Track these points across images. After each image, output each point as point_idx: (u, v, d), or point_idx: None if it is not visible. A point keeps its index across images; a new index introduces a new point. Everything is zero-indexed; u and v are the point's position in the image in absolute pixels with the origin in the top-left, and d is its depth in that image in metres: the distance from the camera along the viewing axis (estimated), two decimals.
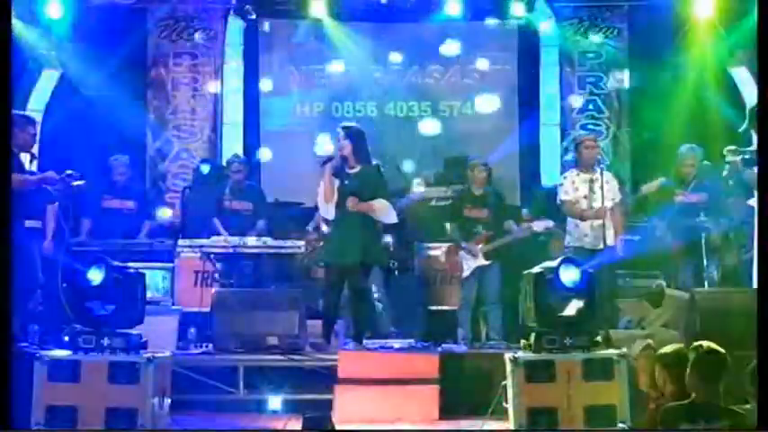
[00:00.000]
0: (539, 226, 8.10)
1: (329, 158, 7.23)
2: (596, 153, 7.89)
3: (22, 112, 7.44)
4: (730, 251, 8.30)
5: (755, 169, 6.33)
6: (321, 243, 8.29)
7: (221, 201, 8.71)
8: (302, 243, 8.23)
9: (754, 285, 8.36)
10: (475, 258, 7.97)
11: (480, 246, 7.95)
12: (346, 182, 7.19)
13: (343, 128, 7.38)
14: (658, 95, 9.76)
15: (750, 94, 9.31)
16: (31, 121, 7.38)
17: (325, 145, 9.57)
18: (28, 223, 6.90)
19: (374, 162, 7.42)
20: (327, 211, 7.29)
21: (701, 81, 9.58)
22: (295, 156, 10.54)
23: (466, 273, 7.99)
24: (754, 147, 7.04)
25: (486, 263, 7.94)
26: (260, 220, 8.65)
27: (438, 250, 8.53)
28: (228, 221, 8.58)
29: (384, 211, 7.26)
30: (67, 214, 7.59)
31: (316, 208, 8.01)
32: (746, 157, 6.75)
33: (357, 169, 7.23)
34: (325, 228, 8.05)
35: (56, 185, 7.06)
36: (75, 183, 7.05)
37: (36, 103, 9.53)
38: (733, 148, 7.25)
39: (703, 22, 9.51)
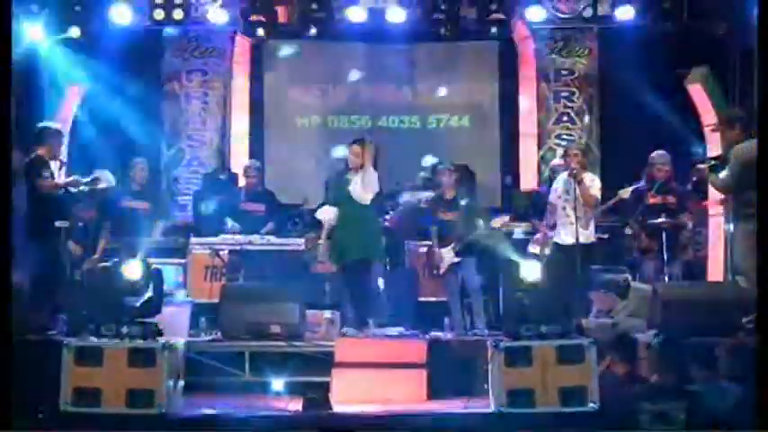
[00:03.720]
0: (496, 222, 8.35)
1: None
2: (575, 161, 7.91)
3: (51, 124, 7.74)
4: (688, 249, 8.72)
5: (721, 174, 6.61)
6: (320, 241, 8.85)
7: (237, 202, 8.94)
8: (302, 241, 8.58)
9: (709, 279, 8.93)
10: (446, 258, 8.21)
11: (451, 245, 8.17)
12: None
13: (355, 142, 7.65)
14: (626, 108, 10.12)
15: (705, 110, 9.74)
16: (60, 132, 7.67)
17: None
18: (57, 223, 7.17)
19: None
20: (333, 220, 7.66)
21: (662, 96, 9.86)
22: (294, 163, 11.04)
23: (442, 270, 8.24)
24: (715, 154, 7.31)
25: (458, 260, 8.14)
26: (270, 222, 8.91)
27: (424, 248, 8.78)
28: (242, 221, 8.80)
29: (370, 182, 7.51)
30: (93, 215, 8.10)
31: (313, 211, 8.33)
32: (713, 164, 6.78)
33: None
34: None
35: (81, 189, 7.46)
36: (100, 186, 7.49)
37: (63, 115, 9.87)
38: (700, 158, 7.48)
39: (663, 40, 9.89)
